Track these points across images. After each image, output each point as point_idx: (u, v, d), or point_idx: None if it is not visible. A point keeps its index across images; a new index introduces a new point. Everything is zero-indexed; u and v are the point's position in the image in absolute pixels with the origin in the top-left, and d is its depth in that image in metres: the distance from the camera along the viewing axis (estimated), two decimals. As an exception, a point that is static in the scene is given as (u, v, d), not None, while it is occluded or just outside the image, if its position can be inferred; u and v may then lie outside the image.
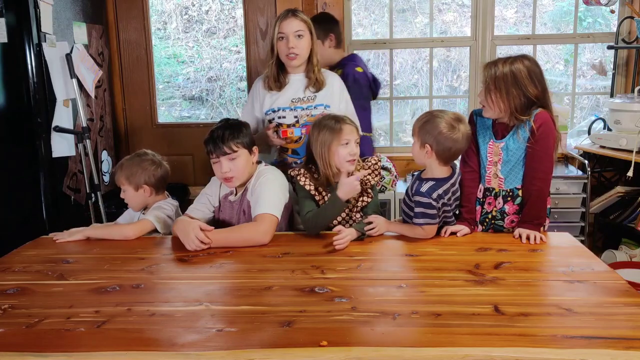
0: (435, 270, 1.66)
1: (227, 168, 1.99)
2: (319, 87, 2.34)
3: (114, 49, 3.61)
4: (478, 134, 2.05)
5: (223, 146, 1.97)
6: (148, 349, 1.23)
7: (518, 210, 2.00)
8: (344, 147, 1.99)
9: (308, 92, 2.34)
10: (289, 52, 2.26)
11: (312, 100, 2.34)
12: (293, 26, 2.25)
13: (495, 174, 2.02)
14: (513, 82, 1.89)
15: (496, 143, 1.99)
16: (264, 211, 1.93)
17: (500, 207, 2.02)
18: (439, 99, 4.24)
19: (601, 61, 3.73)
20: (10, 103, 2.71)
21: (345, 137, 1.99)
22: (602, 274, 1.60)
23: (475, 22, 3.56)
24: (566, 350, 1.18)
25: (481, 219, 2.07)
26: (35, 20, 2.68)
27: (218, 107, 4.20)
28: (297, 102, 2.33)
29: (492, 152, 2.01)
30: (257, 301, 1.46)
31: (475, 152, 2.06)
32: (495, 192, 2.03)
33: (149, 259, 1.81)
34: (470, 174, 2.07)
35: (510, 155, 1.97)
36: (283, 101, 2.34)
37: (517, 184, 1.99)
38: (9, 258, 1.84)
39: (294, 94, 2.34)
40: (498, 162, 2.00)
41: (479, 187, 2.07)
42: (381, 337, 1.26)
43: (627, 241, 3.24)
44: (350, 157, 1.99)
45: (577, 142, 3.42)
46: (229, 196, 2.11)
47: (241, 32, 3.70)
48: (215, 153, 1.99)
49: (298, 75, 2.35)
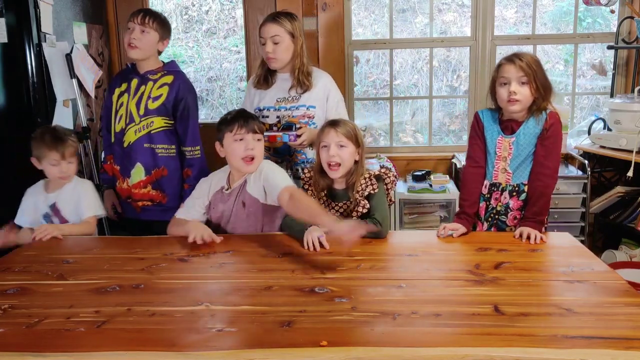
0: (435, 270, 1.66)
1: (253, 145, 1.99)
2: (305, 89, 2.35)
3: (114, 49, 3.61)
4: (486, 130, 2.07)
5: (253, 123, 2.01)
6: (148, 349, 1.23)
7: (522, 207, 2.02)
8: (324, 149, 2.02)
9: (293, 92, 2.36)
10: (266, 56, 2.32)
11: (295, 100, 2.35)
12: (270, 31, 2.30)
13: (504, 169, 2.03)
14: (540, 69, 1.94)
15: (506, 138, 2.02)
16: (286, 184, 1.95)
17: (506, 202, 2.03)
18: (439, 99, 4.24)
19: (601, 61, 3.73)
20: (10, 103, 2.71)
21: (324, 139, 2.03)
22: (602, 274, 1.60)
23: (475, 22, 3.56)
24: (566, 350, 1.18)
25: (486, 216, 2.08)
26: (35, 20, 2.68)
27: (218, 107, 4.20)
28: (282, 101, 2.35)
29: (502, 147, 2.03)
30: (257, 301, 1.46)
31: (482, 147, 2.08)
32: (502, 187, 2.04)
33: (149, 259, 1.81)
34: (475, 168, 2.08)
35: (521, 150, 1.99)
36: (268, 100, 2.37)
37: (524, 179, 2.02)
38: (9, 258, 1.84)
39: (279, 93, 2.37)
40: (508, 156, 2.02)
41: (484, 182, 2.08)
42: (381, 337, 1.26)
43: (627, 241, 3.24)
44: (329, 159, 2.01)
45: (577, 142, 3.42)
46: (221, 191, 2.10)
47: (241, 32, 3.70)
48: (246, 128, 1.99)
49: (285, 75, 2.38)
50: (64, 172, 2.16)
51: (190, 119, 2.37)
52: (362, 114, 3.99)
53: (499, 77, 1.97)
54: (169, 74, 2.39)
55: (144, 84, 2.37)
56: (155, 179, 2.38)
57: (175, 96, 2.34)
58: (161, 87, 2.35)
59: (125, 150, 2.37)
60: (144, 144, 2.35)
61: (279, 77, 2.40)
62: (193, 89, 2.44)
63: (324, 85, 2.39)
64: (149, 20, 2.32)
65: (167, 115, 2.35)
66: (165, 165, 2.37)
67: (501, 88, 1.96)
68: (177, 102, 2.35)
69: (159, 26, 2.35)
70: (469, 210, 2.04)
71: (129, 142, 2.36)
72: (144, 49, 2.33)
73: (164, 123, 2.35)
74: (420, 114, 4.32)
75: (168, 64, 2.45)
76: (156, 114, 2.34)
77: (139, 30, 2.31)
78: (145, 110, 2.34)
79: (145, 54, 2.35)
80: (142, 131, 2.35)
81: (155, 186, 2.38)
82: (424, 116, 4.17)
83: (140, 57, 2.35)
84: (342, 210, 2.07)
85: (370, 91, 4.23)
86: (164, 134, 2.36)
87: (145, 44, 2.33)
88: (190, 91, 2.41)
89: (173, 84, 2.36)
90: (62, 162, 2.15)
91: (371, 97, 4.18)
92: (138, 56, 2.34)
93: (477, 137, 2.09)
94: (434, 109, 3.94)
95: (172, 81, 2.37)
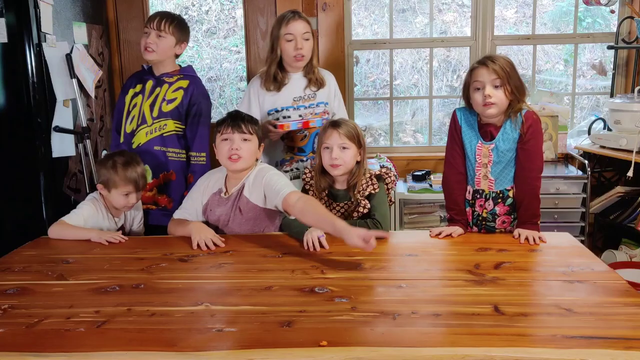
0: (435, 270, 1.66)
1: (238, 145, 1.98)
2: (320, 86, 2.36)
3: (114, 49, 3.61)
4: (464, 134, 2.02)
5: (242, 123, 1.99)
6: (148, 349, 1.23)
7: (509, 211, 2.01)
8: (327, 151, 2.02)
9: (308, 90, 2.36)
10: (296, 54, 2.27)
11: (313, 98, 2.36)
12: (300, 28, 2.27)
13: (485, 175, 2.00)
14: (513, 71, 1.91)
15: (485, 144, 1.98)
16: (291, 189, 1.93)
17: (491, 209, 2.01)
18: (438, 99, 4.24)
19: (601, 61, 3.73)
20: (10, 103, 2.70)
21: (327, 141, 2.02)
22: (602, 274, 1.60)
23: (475, 22, 3.56)
24: (566, 350, 1.18)
25: (474, 221, 2.07)
26: (35, 20, 2.67)
27: (218, 107, 4.19)
28: (299, 100, 2.35)
29: (481, 154, 1.99)
30: (257, 301, 1.46)
31: (461, 154, 2.04)
32: (485, 193, 2.02)
33: (149, 259, 1.81)
34: (456, 175, 2.05)
35: (501, 157, 1.96)
36: (284, 100, 2.35)
37: (507, 185, 1.99)
38: (9, 258, 1.85)
39: (294, 92, 2.35)
40: (488, 163, 1.98)
41: (467, 188, 2.06)
42: (381, 337, 1.26)
43: (627, 241, 3.24)
44: (332, 161, 2.01)
45: (577, 142, 3.42)
46: (218, 194, 2.09)
47: (241, 32, 3.70)
48: (232, 129, 1.99)
49: (297, 75, 2.37)
50: (131, 203, 2.15)
51: (200, 125, 2.36)
52: (362, 114, 3.99)
53: (473, 82, 1.92)
54: (185, 79, 2.39)
55: (159, 86, 2.37)
56: (162, 183, 2.37)
57: (189, 101, 2.34)
58: (176, 91, 2.35)
59: (134, 152, 2.35)
60: (155, 146, 2.34)
61: (292, 77, 2.38)
62: (207, 96, 2.44)
63: (334, 85, 2.44)
64: (164, 25, 2.31)
65: (179, 120, 2.35)
66: (175, 169, 2.36)
67: (475, 93, 1.92)
68: (190, 106, 2.34)
69: (175, 30, 2.35)
70: (457, 217, 2.03)
71: (139, 143, 2.36)
72: (160, 53, 2.34)
73: (175, 127, 2.35)
74: (420, 114, 4.32)
75: (185, 69, 2.44)
76: (170, 116, 2.34)
77: (155, 34, 2.31)
78: (159, 113, 2.34)
79: (162, 57, 2.35)
80: (154, 133, 2.34)
81: (161, 190, 2.37)
82: (424, 116, 4.17)
83: (156, 59, 2.35)
84: (343, 210, 2.08)
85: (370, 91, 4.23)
86: (175, 137, 2.36)
87: (162, 48, 2.33)
88: (205, 97, 2.40)
89: (188, 89, 2.35)
90: (133, 195, 2.13)
91: (371, 97, 4.17)
92: (154, 58, 2.34)
93: (454, 143, 2.04)
94: (434, 109, 3.94)
95: (188, 85, 2.36)
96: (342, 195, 2.08)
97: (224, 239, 1.94)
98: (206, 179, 2.14)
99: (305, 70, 2.36)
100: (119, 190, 2.10)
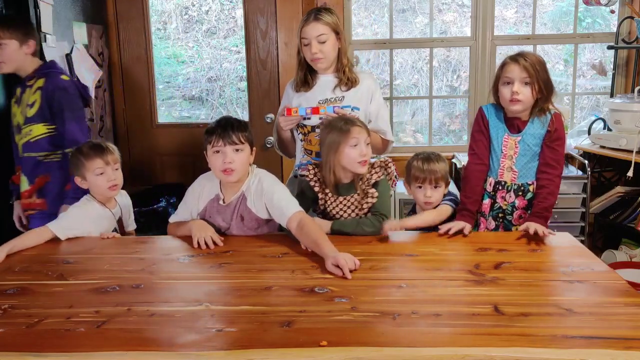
0: (435, 270, 1.66)
1: (231, 158, 1.92)
2: (351, 86, 2.26)
3: (114, 49, 3.61)
4: (491, 127, 2.06)
5: (232, 134, 1.92)
6: (148, 349, 1.23)
7: (527, 206, 2.03)
8: (354, 148, 1.97)
9: (338, 91, 2.26)
10: (312, 57, 2.21)
11: (340, 101, 2.25)
12: (314, 31, 2.17)
13: (509, 167, 2.04)
14: (543, 70, 1.94)
15: (512, 137, 2.02)
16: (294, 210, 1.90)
17: (512, 201, 2.05)
18: (439, 99, 4.25)
19: (601, 61, 3.73)
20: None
21: (353, 136, 1.96)
22: (602, 274, 1.60)
23: (475, 22, 3.56)
24: (566, 350, 1.18)
25: (493, 214, 2.08)
26: (35, 20, 2.67)
27: (218, 107, 4.19)
28: (324, 102, 2.25)
29: (507, 146, 2.03)
30: (257, 301, 1.46)
31: (486, 144, 2.07)
32: (508, 185, 2.05)
33: (149, 259, 1.81)
34: (478, 165, 2.08)
35: (527, 150, 2.01)
36: (310, 102, 2.26)
37: (529, 179, 2.03)
38: (9, 258, 1.84)
39: (321, 94, 2.27)
40: (514, 155, 2.02)
41: (490, 180, 2.08)
42: (381, 337, 1.26)
43: (627, 241, 3.24)
44: (361, 157, 1.97)
45: (577, 142, 3.42)
46: (216, 201, 2.04)
47: (241, 32, 3.70)
48: (223, 141, 1.92)
49: (328, 76, 2.29)
50: (112, 179, 2.04)
51: (67, 121, 2.26)
52: (362, 114, 3.99)
53: (503, 76, 1.97)
54: (41, 77, 2.30)
55: (24, 91, 2.31)
56: (39, 187, 2.32)
57: (46, 98, 2.25)
58: (35, 93, 2.27)
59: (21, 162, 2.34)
60: (24, 154, 2.31)
61: (321, 79, 2.29)
62: (65, 88, 2.31)
63: (368, 87, 2.29)
64: (2, 33, 2.22)
65: (45, 121, 2.27)
66: (51, 170, 2.30)
67: (504, 87, 1.96)
68: (50, 104, 2.26)
69: (13, 33, 2.24)
70: (471, 207, 2.04)
71: (19, 153, 2.34)
72: (8, 62, 2.26)
73: (46, 130, 2.28)
74: (420, 114, 4.32)
75: (42, 66, 2.34)
76: (34, 121, 2.27)
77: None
78: (25, 119, 2.28)
79: (13, 64, 2.28)
80: (24, 139, 2.31)
81: (40, 194, 2.33)
82: (424, 116, 4.18)
83: (8, 70, 2.28)
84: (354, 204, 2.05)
85: (370, 91, 4.23)
86: (45, 141, 2.29)
87: (7, 55, 2.25)
88: (61, 90, 2.28)
89: (44, 87, 2.27)
90: (108, 169, 2.04)
91: (371, 97, 4.17)
92: (6, 70, 2.27)
93: (481, 134, 2.08)
94: (434, 109, 3.95)
95: (43, 84, 2.28)
96: (347, 188, 2.05)
97: (224, 238, 1.94)
98: (199, 185, 2.09)
99: (335, 71, 2.28)
100: (91, 171, 2.02)
